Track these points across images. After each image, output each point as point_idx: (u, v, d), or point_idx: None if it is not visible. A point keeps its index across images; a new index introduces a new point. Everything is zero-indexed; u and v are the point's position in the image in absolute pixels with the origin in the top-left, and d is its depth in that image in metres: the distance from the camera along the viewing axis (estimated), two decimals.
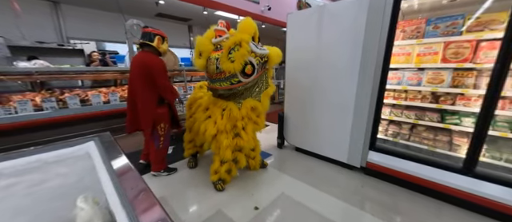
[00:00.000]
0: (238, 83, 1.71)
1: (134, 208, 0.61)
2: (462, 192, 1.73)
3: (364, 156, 2.28)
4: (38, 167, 0.76)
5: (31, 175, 0.77)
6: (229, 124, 1.84)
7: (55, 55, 4.51)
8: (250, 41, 1.67)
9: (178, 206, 1.85)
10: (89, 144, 0.87)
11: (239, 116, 1.85)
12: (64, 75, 3.15)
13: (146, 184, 0.72)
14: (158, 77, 1.99)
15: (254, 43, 1.75)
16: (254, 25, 1.70)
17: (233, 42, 1.60)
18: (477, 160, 1.72)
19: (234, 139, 1.87)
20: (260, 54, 1.75)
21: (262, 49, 1.79)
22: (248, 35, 1.63)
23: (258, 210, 1.79)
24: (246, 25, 1.66)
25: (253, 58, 1.69)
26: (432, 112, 2.14)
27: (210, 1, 5.14)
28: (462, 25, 1.86)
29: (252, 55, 1.69)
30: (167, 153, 2.38)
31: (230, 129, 1.86)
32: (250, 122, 1.93)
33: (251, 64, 1.68)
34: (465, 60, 1.85)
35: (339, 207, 1.85)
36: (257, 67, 1.73)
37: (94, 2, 4.87)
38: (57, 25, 4.93)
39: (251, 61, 1.68)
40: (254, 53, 1.70)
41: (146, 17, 5.86)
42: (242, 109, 1.85)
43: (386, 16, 1.90)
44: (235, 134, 1.89)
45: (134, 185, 0.70)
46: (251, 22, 1.69)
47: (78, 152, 0.84)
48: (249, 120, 1.91)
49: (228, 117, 1.83)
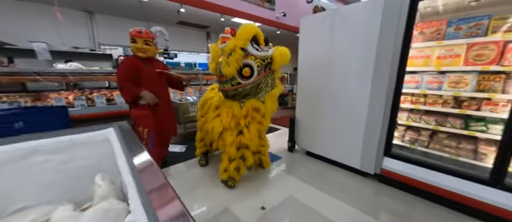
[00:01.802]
0: (238, 85, 1.79)
1: (148, 193, 0.64)
2: (488, 204, 1.58)
3: (378, 163, 2.19)
4: (66, 147, 0.87)
5: (60, 154, 0.88)
6: (233, 122, 1.92)
7: (88, 59, 4.97)
8: (247, 45, 1.74)
9: (186, 202, 1.91)
10: (108, 130, 0.97)
11: (240, 115, 1.91)
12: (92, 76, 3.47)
13: (160, 170, 0.77)
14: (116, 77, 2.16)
15: (255, 46, 1.82)
16: (252, 30, 1.77)
17: (228, 48, 1.70)
18: (506, 171, 1.57)
19: (238, 136, 1.93)
20: (260, 56, 1.81)
21: (263, 51, 1.84)
22: (242, 40, 1.72)
23: (264, 210, 1.80)
24: (242, 31, 1.75)
25: (251, 61, 1.77)
26: (454, 117, 2.00)
27: (227, 9, 5.35)
28: (488, 27, 1.75)
29: (251, 58, 1.77)
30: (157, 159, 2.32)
31: (234, 127, 1.93)
32: (253, 122, 1.97)
33: (249, 66, 1.77)
34: (491, 62, 1.73)
35: (349, 213, 1.79)
36: (257, 69, 1.80)
37: (123, 12, 5.33)
38: (90, 33, 5.46)
39: (249, 64, 1.77)
40: (254, 55, 1.78)
41: (168, 24, 6.25)
42: (243, 109, 1.92)
43: (402, 17, 1.85)
44: (239, 132, 1.95)
45: (149, 169, 0.76)
46: (249, 27, 1.77)
47: (98, 136, 0.93)
48: (252, 119, 1.96)
49: (231, 115, 1.91)
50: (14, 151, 0.76)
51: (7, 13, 4.19)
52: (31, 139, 0.83)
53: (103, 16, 5.50)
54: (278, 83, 2.02)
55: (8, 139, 0.80)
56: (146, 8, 4.82)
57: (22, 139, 0.82)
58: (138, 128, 2.14)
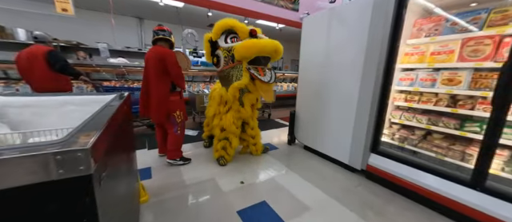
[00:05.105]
0: (215, 71, 2.19)
1: None
2: (465, 206, 1.50)
3: (365, 159, 2.20)
4: (89, 102, 1.33)
5: (85, 106, 1.34)
6: (219, 108, 2.35)
7: (136, 57, 6.05)
8: (217, 38, 2.15)
9: (185, 169, 2.33)
10: (114, 96, 1.41)
11: (211, 96, 2.52)
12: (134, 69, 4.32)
13: None
14: (171, 66, 2.12)
15: (231, 38, 2.14)
16: (223, 24, 2.10)
17: (204, 40, 2.23)
18: (487, 173, 1.47)
19: (220, 121, 2.34)
20: (226, 48, 2.12)
21: (229, 44, 2.12)
22: (213, 34, 2.17)
23: (243, 184, 2.06)
24: (215, 26, 2.14)
25: (220, 51, 2.17)
26: (449, 117, 1.89)
27: (253, 12, 5.74)
28: (485, 21, 1.64)
29: (221, 49, 2.16)
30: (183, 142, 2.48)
31: (218, 112, 2.37)
32: (232, 110, 2.31)
33: (216, 56, 2.23)
34: (485, 58, 1.62)
35: (320, 198, 1.89)
36: (224, 59, 2.14)
37: (165, 17, 6.28)
38: (140, 35, 6.59)
39: (216, 54, 2.21)
40: (221, 47, 2.15)
41: (200, 27, 7.01)
42: (213, 93, 2.47)
43: (388, 13, 1.88)
44: (220, 118, 2.37)
45: None
46: (221, 22, 2.11)
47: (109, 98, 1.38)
48: (231, 107, 2.32)
49: (217, 103, 2.39)
50: (55, 100, 1.24)
51: (82, 19, 5.46)
52: (67, 95, 1.32)
53: (150, 21, 6.58)
54: (244, 76, 2.03)
55: (53, 94, 1.31)
56: (181, 14, 5.60)
57: (62, 95, 1.32)
58: (174, 112, 2.27)
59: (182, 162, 2.42)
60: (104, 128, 0.67)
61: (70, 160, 0.48)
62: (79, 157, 0.49)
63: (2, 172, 0.44)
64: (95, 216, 0.53)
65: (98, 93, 1.48)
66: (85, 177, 0.50)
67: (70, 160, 0.48)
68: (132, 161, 1.51)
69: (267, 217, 1.62)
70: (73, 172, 0.48)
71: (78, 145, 0.50)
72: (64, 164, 0.47)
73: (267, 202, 1.79)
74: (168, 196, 1.83)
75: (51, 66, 2.33)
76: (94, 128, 0.64)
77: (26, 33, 4.49)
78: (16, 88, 3.42)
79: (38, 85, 2.37)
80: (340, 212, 1.71)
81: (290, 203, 1.80)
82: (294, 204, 1.80)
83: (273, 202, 1.79)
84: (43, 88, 2.31)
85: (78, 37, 5.31)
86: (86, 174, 0.50)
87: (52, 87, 2.33)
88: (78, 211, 0.52)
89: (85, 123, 0.70)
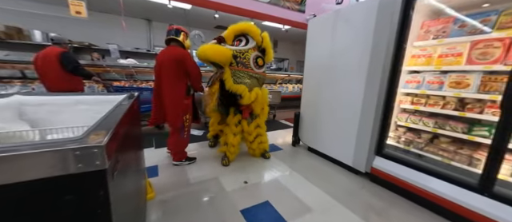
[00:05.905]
0: None
1: None
2: (473, 212, 1.48)
3: (369, 162, 2.19)
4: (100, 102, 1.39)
5: (96, 106, 1.41)
6: None
7: (144, 58, 6.20)
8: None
9: (190, 168, 2.38)
10: (124, 96, 1.47)
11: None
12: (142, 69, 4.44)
13: None
14: (192, 67, 2.08)
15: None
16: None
17: None
18: (495, 178, 1.44)
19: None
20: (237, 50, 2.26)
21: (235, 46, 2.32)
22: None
23: (246, 184, 2.09)
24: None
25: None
26: (456, 121, 1.86)
27: (260, 14, 5.78)
28: (495, 23, 1.61)
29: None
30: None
31: None
32: None
33: None
34: (494, 61, 1.59)
35: (323, 199, 1.90)
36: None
37: (173, 19, 6.40)
38: (148, 37, 6.75)
39: None
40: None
41: (207, 28, 7.12)
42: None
43: (395, 15, 1.87)
44: None
45: None
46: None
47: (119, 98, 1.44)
48: None
49: None
50: (69, 99, 1.30)
51: (95, 21, 5.64)
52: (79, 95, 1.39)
53: (158, 23, 6.72)
54: (216, 84, 2.36)
55: (67, 93, 1.38)
56: (188, 15, 5.70)
57: (74, 94, 1.39)
58: (185, 116, 2.18)
59: (188, 162, 2.46)
60: (116, 126, 0.71)
61: (88, 155, 0.52)
62: (95, 153, 0.53)
63: (27, 165, 0.49)
64: (108, 207, 0.57)
65: (109, 93, 1.55)
66: (100, 172, 0.54)
67: (88, 155, 0.52)
68: (140, 159, 1.57)
69: (270, 217, 1.64)
70: (90, 167, 0.53)
71: (95, 142, 0.54)
72: (82, 159, 0.52)
73: (270, 202, 1.81)
74: (173, 194, 1.88)
75: (64, 67, 2.43)
76: (107, 127, 0.68)
77: (41, 34, 4.68)
78: (32, 87, 3.57)
79: (51, 84, 2.47)
80: (343, 214, 1.71)
81: (293, 203, 1.82)
82: (297, 204, 1.81)
83: (276, 202, 1.81)
84: (57, 88, 2.41)
85: (90, 39, 5.49)
86: (101, 168, 0.54)
87: (65, 87, 2.43)
88: (93, 202, 0.57)
89: (99, 121, 0.75)
